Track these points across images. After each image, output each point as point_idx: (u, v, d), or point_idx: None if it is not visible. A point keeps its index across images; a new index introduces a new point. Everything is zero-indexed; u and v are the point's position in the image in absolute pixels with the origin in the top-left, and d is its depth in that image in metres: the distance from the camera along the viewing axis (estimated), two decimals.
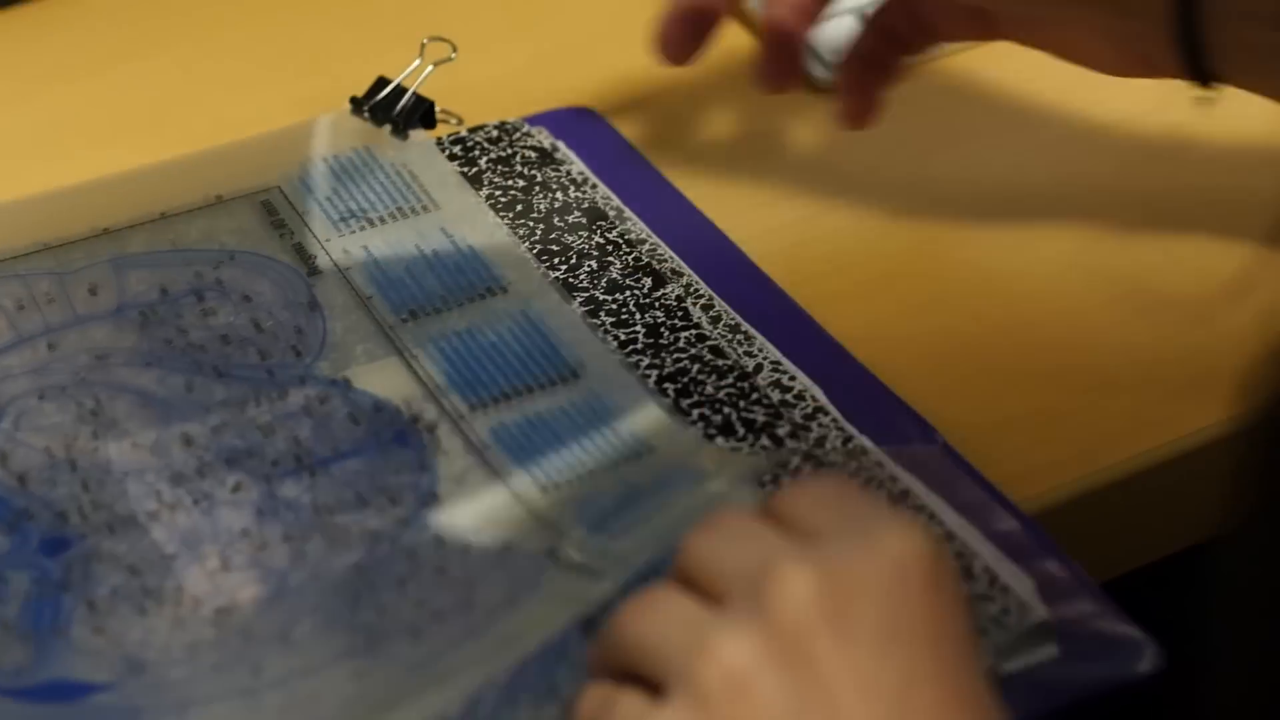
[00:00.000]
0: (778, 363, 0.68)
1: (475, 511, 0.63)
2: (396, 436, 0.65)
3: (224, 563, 0.61)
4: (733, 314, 0.69)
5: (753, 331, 0.69)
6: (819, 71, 0.79)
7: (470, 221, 0.72)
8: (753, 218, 0.74)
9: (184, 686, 0.57)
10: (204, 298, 0.69)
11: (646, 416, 0.65)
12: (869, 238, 0.74)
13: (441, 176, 0.74)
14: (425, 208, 0.73)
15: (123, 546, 0.61)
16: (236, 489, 0.63)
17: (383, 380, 0.67)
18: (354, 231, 0.72)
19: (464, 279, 0.70)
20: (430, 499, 0.63)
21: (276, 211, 0.73)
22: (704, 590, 0.53)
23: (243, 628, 0.59)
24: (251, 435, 0.65)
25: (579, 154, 0.76)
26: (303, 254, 0.71)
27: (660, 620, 0.53)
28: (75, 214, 0.72)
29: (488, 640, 0.58)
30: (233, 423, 0.65)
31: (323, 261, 0.71)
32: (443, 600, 0.60)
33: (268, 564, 0.61)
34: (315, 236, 0.72)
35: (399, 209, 0.73)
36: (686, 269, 0.71)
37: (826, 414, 0.66)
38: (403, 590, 0.60)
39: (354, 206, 0.73)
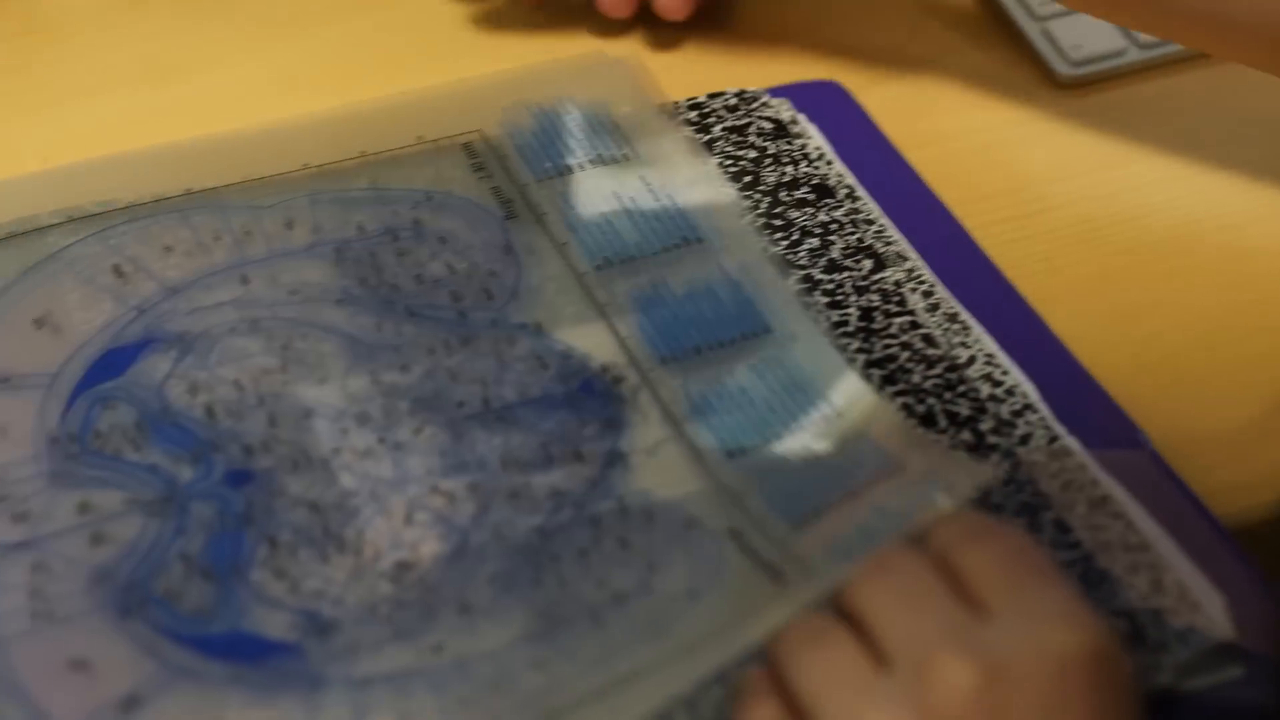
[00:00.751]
0: (991, 356, 0.67)
1: (660, 472, 0.63)
2: (584, 385, 0.65)
3: (408, 514, 0.61)
4: (953, 303, 0.69)
5: (970, 322, 0.68)
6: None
7: (680, 176, 0.72)
8: (983, 207, 0.74)
9: (366, 659, 0.58)
10: (399, 238, 0.70)
11: (843, 384, 0.65)
12: (1091, 237, 0.73)
13: (654, 132, 0.73)
14: (626, 157, 0.72)
15: (306, 486, 0.62)
16: (420, 432, 0.63)
17: (574, 328, 0.67)
18: (553, 178, 0.72)
19: (663, 230, 0.70)
20: (616, 457, 0.63)
21: (478, 155, 0.73)
22: (871, 640, 0.54)
23: (422, 586, 0.60)
24: (440, 378, 0.65)
25: (819, 128, 0.76)
26: (501, 197, 0.71)
27: (826, 665, 0.54)
28: (279, 151, 0.72)
29: (670, 644, 0.58)
30: (421, 364, 0.65)
31: (520, 206, 0.71)
32: (623, 580, 0.60)
33: (451, 520, 0.61)
34: (514, 181, 0.72)
35: (600, 157, 0.72)
36: (913, 254, 0.70)
37: (1035, 411, 0.65)
38: (584, 562, 0.60)
39: (556, 153, 0.73)
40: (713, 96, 0.77)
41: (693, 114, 0.76)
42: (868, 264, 0.70)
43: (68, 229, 0.69)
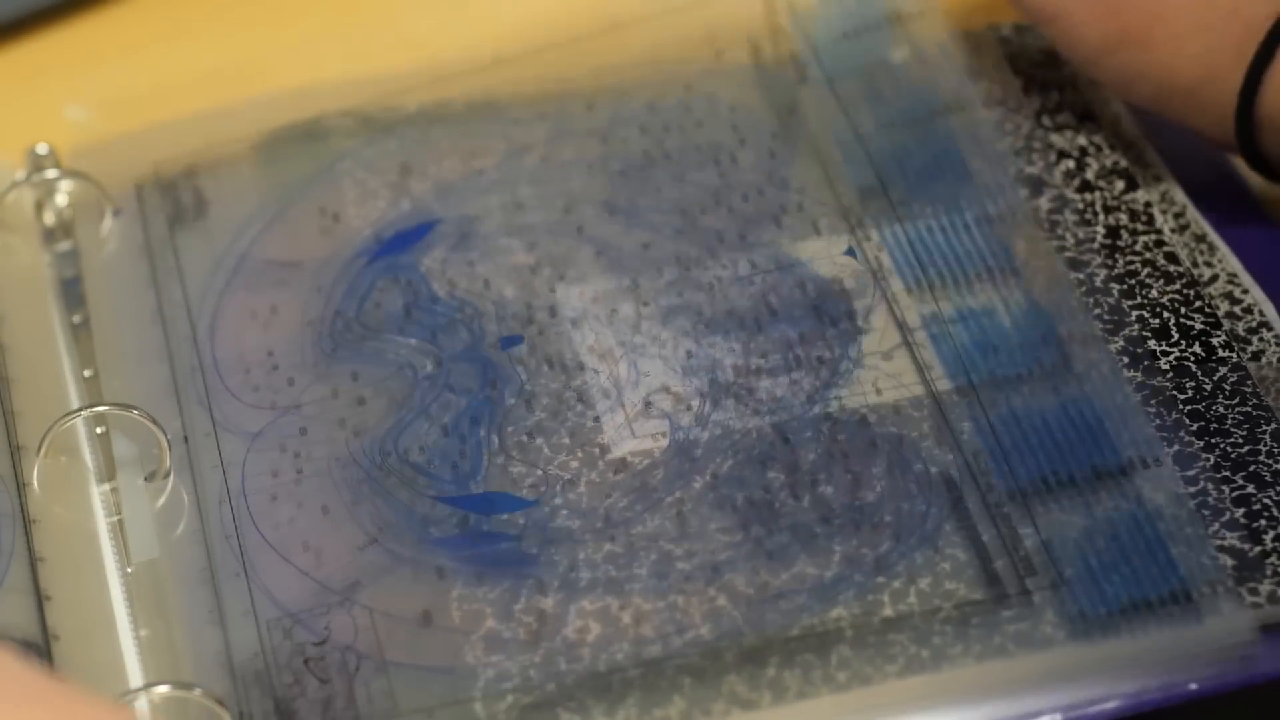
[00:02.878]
0: (1234, 275, 0.67)
1: (887, 387, 0.64)
2: (824, 299, 0.67)
3: (639, 412, 0.64)
4: (1202, 223, 0.69)
5: (1218, 243, 0.68)
6: None
7: (955, 110, 0.73)
8: None
9: (583, 549, 0.61)
10: (678, 157, 0.72)
11: (1085, 322, 0.66)
12: None
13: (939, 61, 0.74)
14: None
15: (548, 379, 0.65)
16: (659, 335, 0.66)
17: (830, 256, 0.69)
18: (837, 101, 0.73)
19: (931, 160, 0.71)
20: (847, 369, 0.65)
21: (768, 73, 0.75)
22: None
23: (644, 482, 0.62)
24: (696, 296, 0.68)
25: None
26: (782, 118, 0.73)
27: None
28: (571, 65, 0.75)
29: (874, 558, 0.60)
30: (682, 280, 0.68)
31: (798, 130, 0.73)
32: (836, 489, 0.62)
33: (679, 420, 0.64)
34: (799, 105, 0.73)
35: (882, 83, 0.74)
36: (1167, 176, 0.71)
37: (1271, 330, 0.65)
38: (805, 469, 0.62)
39: (845, 75, 0.74)
40: (991, 28, 0.78)
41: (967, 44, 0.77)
42: (1120, 184, 0.70)
43: (355, 131, 0.73)
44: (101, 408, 0.64)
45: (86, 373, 0.67)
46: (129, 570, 0.61)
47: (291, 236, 0.70)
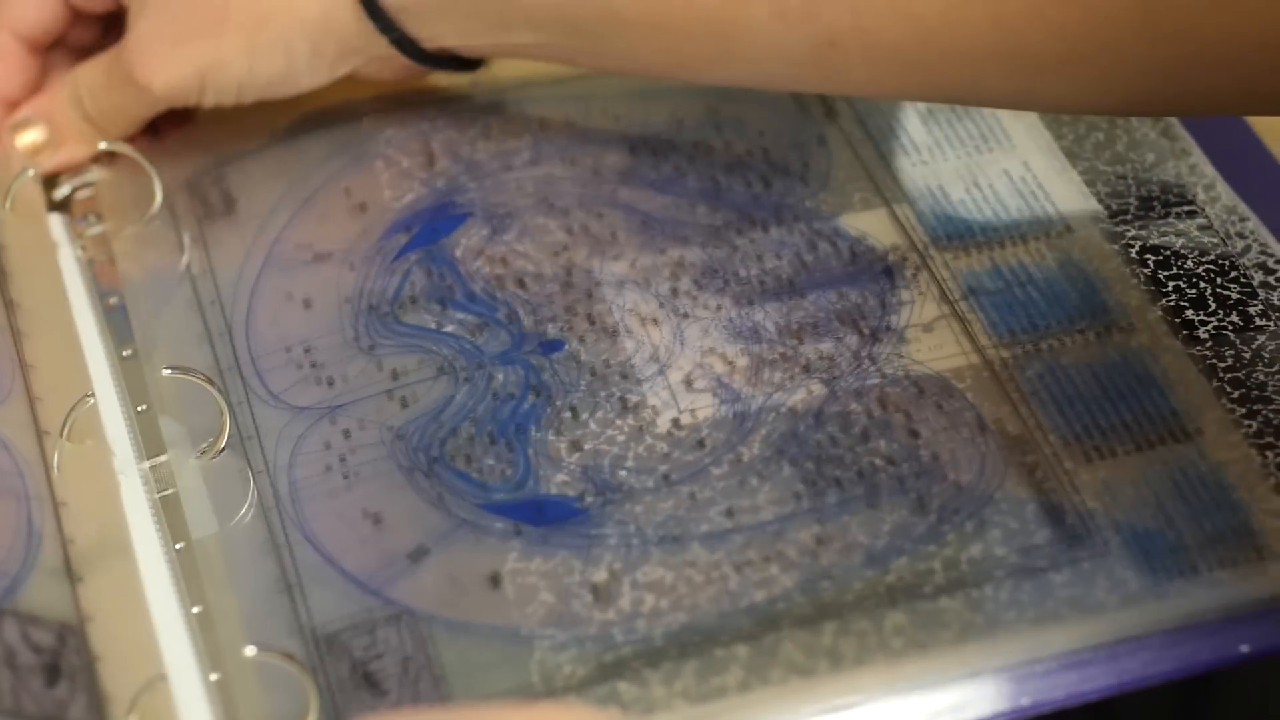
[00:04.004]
0: (1266, 245, 0.68)
1: (932, 349, 0.65)
2: (867, 264, 0.68)
3: (687, 379, 0.65)
4: (1233, 195, 0.70)
5: (1248, 213, 0.69)
6: None
7: None
8: None
9: (640, 515, 0.61)
10: (719, 129, 0.73)
11: (1123, 290, 0.66)
12: None
13: None
14: None
15: (593, 353, 0.66)
16: (703, 301, 0.67)
17: (861, 213, 0.69)
18: None
19: (965, 128, 0.72)
20: (892, 331, 0.65)
21: None
22: None
23: (697, 448, 0.63)
24: (734, 262, 0.68)
25: None
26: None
27: None
28: None
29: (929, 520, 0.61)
30: (721, 247, 0.68)
31: (840, 103, 0.74)
32: (888, 451, 0.62)
33: (728, 385, 0.64)
34: None
35: None
36: (1195, 149, 0.72)
37: None
38: (853, 432, 0.63)
39: None
40: None
41: None
42: (1150, 156, 0.71)
43: (383, 112, 0.74)
44: (166, 371, 0.65)
45: (125, 352, 0.67)
46: (177, 548, 0.61)
47: (321, 224, 0.71)
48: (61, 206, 0.72)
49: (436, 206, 0.71)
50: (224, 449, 0.64)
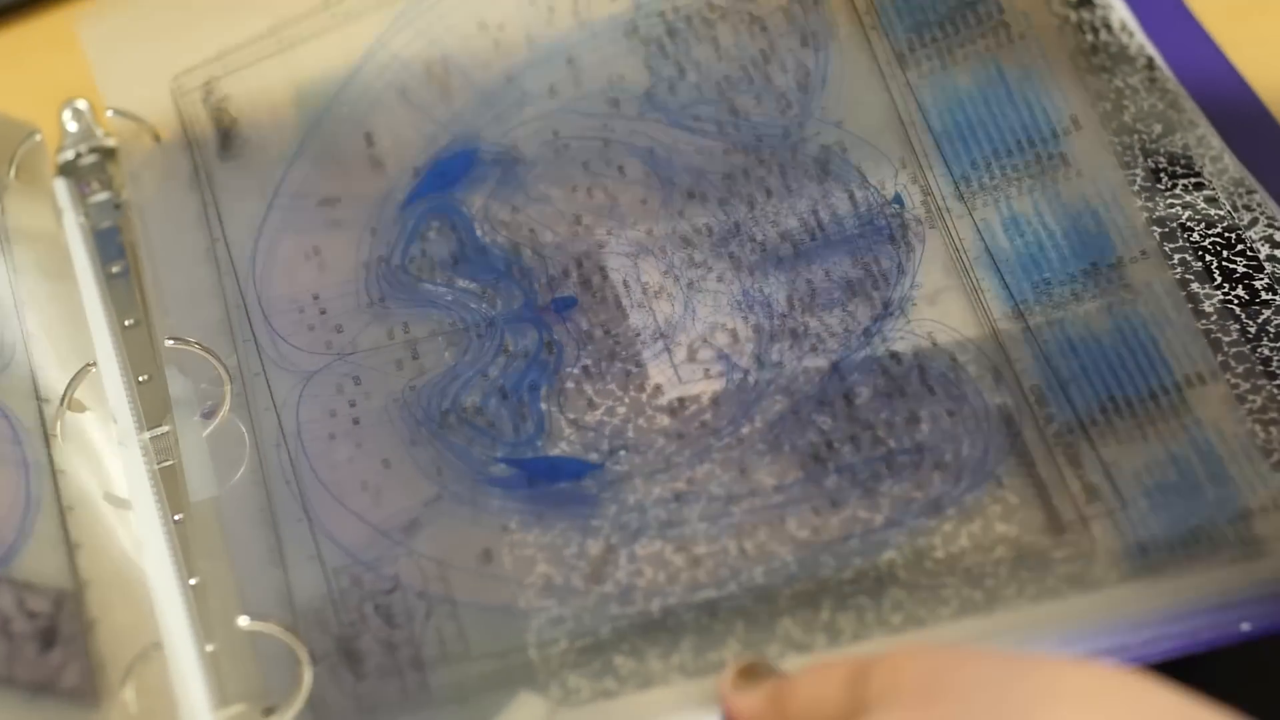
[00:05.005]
0: (1273, 219, 0.67)
1: (941, 320, 0.65)
2: (877, 226, 0.67)
3: (692, 351, 0.64)
4: (1240, 167, 0.69)
5: (1255, 185, 0.68)
6: None
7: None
8: None
9: (641, 487, 0.61)
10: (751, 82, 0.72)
11: (1134, 255, 0.66)
12: None
13: None
14: None
15: (598, 321, 0.65)
16: (711, 270, 0.66)
17: (873, 143, 0.69)
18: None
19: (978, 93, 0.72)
20: (900, 302, 0.65)
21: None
22: None
23: (700, 421, 0.63)
24: (735, 213, 0.67)
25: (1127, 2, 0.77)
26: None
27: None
28: None
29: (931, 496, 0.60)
30: (720, 201, 0.68)
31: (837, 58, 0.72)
32: (891, 426, 0.62)
33: (733, 358, 0.64)
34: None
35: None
36: (1203, 121, 0.71)
37: None
38: (858, 405, 0.62)
39: None
40: None
41: None
42: (1157, 127, 0.70)
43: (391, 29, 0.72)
44: (169, 342, 0.65)
45: (127, 321, 0.67)
46: (175, 519, 0.61)
47: (333, 167, 0.70)
48: (67, 171, 0.72)
49: (448, 147, 0.70)
50: (228, 412, 0.63)
